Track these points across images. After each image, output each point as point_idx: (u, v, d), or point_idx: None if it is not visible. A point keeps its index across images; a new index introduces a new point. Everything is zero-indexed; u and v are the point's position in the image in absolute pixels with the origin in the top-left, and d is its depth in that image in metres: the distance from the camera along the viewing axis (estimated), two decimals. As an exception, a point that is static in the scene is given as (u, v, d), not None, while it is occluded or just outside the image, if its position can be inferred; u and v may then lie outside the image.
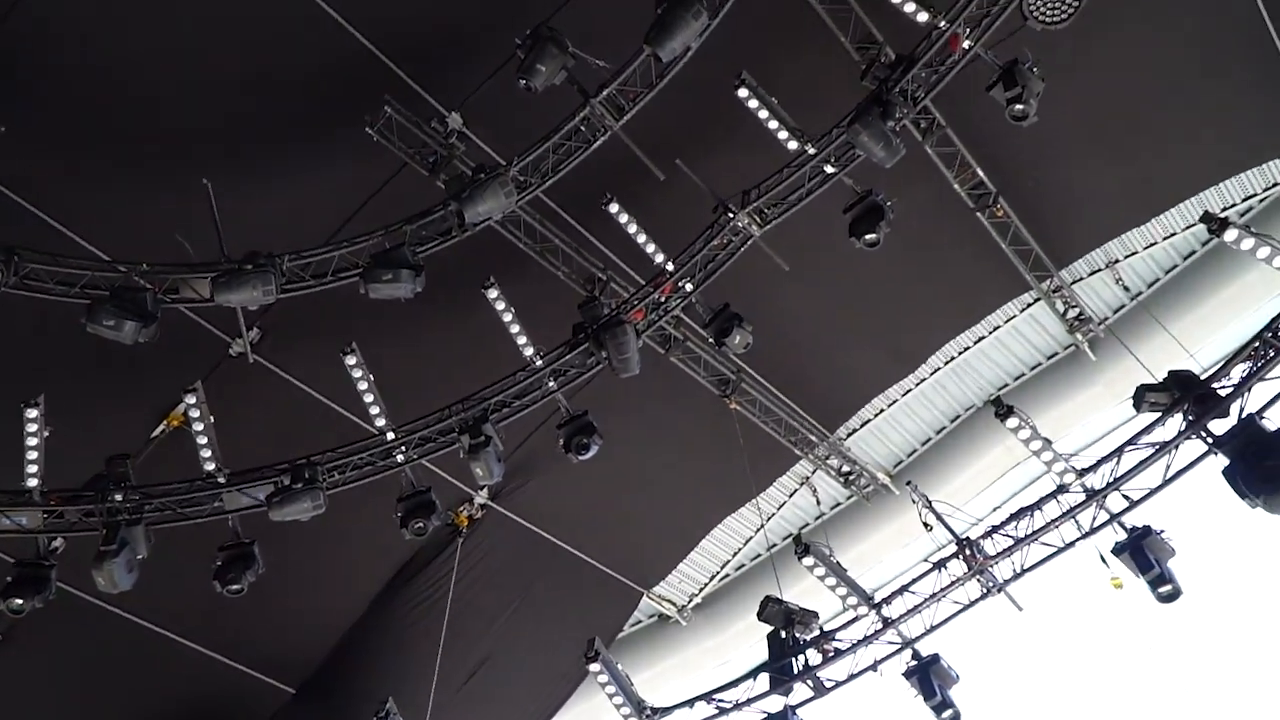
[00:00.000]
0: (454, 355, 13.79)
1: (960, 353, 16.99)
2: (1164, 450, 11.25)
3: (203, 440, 11.81)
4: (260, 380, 13.07)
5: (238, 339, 12.52)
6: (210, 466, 11.80)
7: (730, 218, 11.84)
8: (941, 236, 14.73)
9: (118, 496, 11.29)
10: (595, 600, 17.55)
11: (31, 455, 11.03)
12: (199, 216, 10.31)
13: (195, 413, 11.80)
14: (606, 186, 12.63)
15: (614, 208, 12.68)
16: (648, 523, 17.31)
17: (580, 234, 13.52)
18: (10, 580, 10.91)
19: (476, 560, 15.88)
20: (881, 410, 17.55)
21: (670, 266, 12.30)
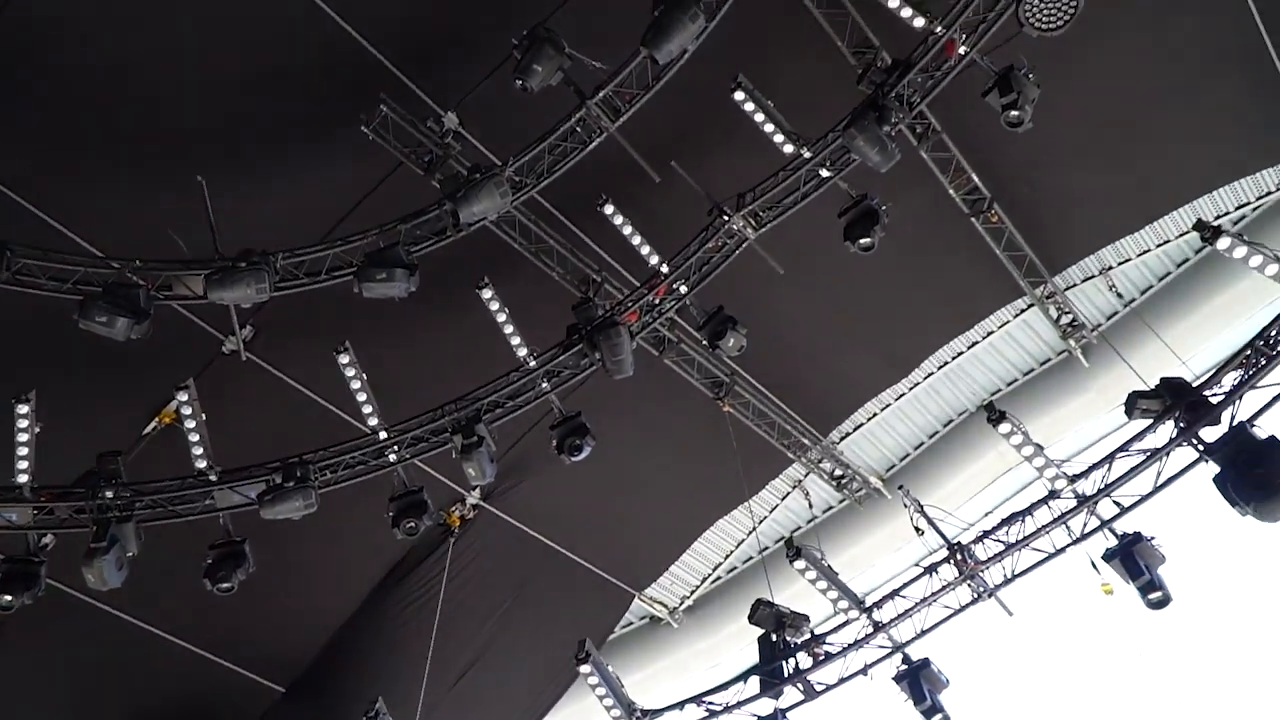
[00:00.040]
0: (447, 355, 13.79)
1: (954, 357, 17.02)
2: (1155, 457, 11.25)
3: (194, 438, 11.80)
4: (253, 378, 13.06)
5: (230, 336, 12.52)
6: (202, 464, 11.77)
7: (725, 220, 11.84)
8: (936, 241, 14.75)
9: (108, 493, 11.22)
10: (587, 601, 17.53)
11: (22, 451, 11.00)
12: (193, 213, 10.30)
13: (187, 410, 11.81)
14: (602, 188, 12.65)
15: (609, 209, 12.70)
16: (640, 524, 17.30)
17: (575, 235, 13.52)
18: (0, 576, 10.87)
19: (468, 561, 15.86)
20: (875, 414, 17.58)
21: (665, 268, 12.30)
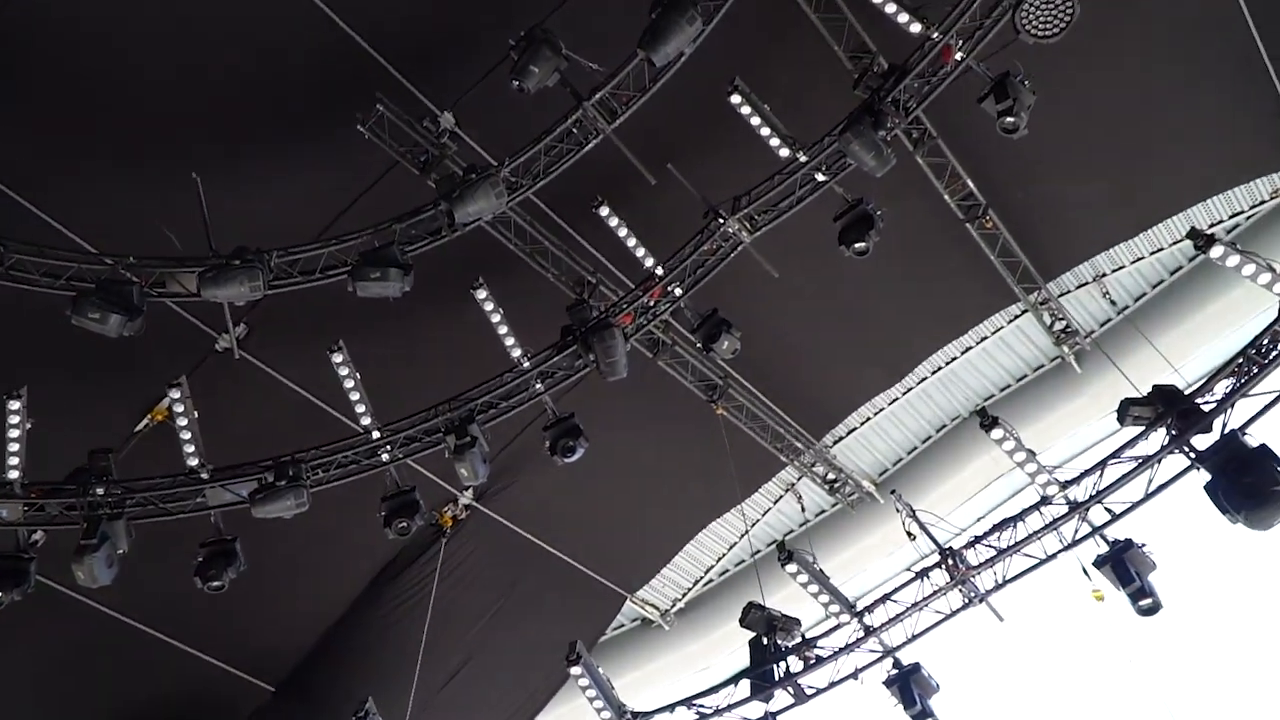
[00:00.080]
0: (441, 355, 13.76)
1: (947, 363, 17.06)
2: (1147, 464, 11.29)
3: (186, 435, 11.74)
4: (245, 376, 13.02)
5: (224, 334, 12.51)
6: (193, 462, 11.73)
7: (720, 223, 11.84)
8: (931, 247, 14.78)
9: (99, 490, 11.20)
10: (578, 603, 17.52)
11: (13, 447, 10.95)
12: (188, 211, 10.28)
13: (179, 407, 11.73)
14: (597, 189, 12.64)
15: (604, 211, 12.69)
16: (632, 526, 17.30)
17: (570, 236, 13.52)
18: (-11, 573, 10.83)
19: (460, 561, 15.84)
20: (868, 419, 17.61)
21: (660, 271, 12.29)
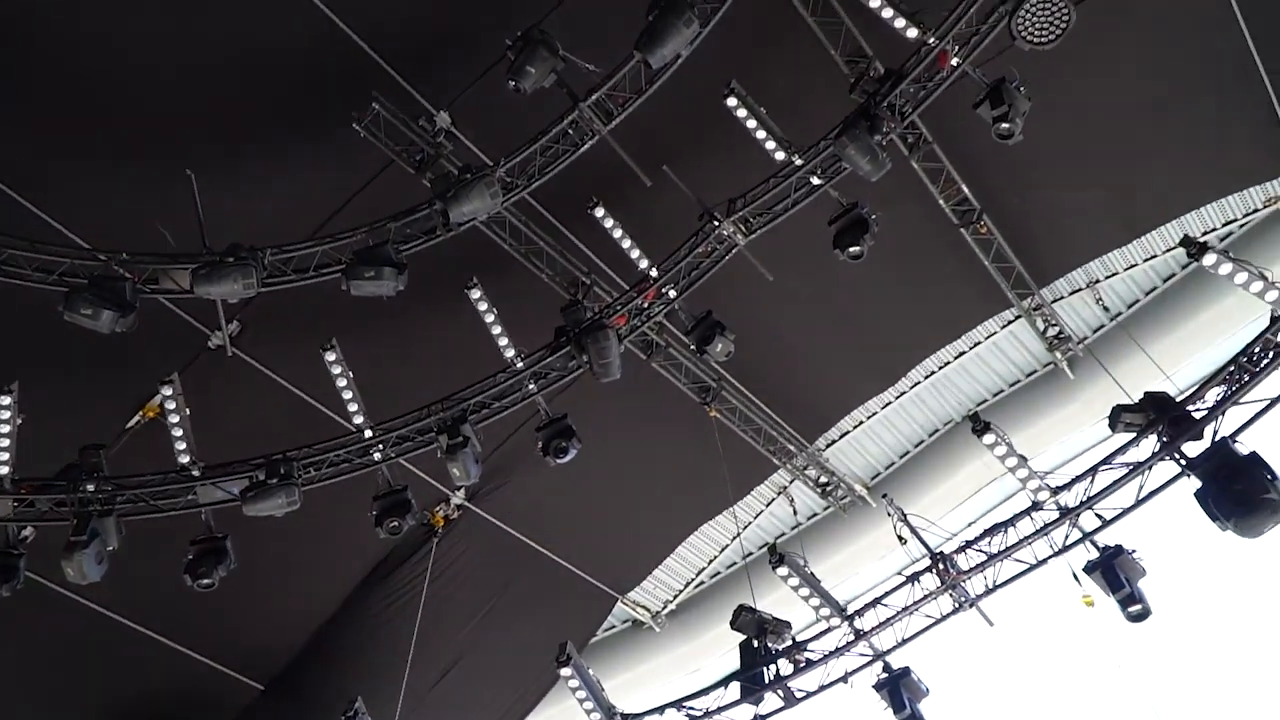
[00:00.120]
0: (434, 354, 13.74)
1: (941, 367, 17.09)
2: (1137, 471, 11.33)
3: (178, 432, 11.71)
4: (238, 374, 12.98)
5: (217, 331, 12.47)
6: (185, 459, 11.70)
7: (715, 226, 11.85)
8: (925, 252, 14.80)
9: (89, 487, 11.14)
10: (569, 604, 17.50)
11: (3, 443, 10.90)
12: (182, 207, 10.25)
13: (171, 404, 11.71)
14: (593, 190, 12.63)
15: (600, 212, 12.68)
16: (624, 528, 17.29)
17: (565, 237, 13.51)
18: (-23, 568, 10.78)
19: (451, 561, 15.81)
20: (861, 422, 17.62)
21: (654, 272, 12.30)
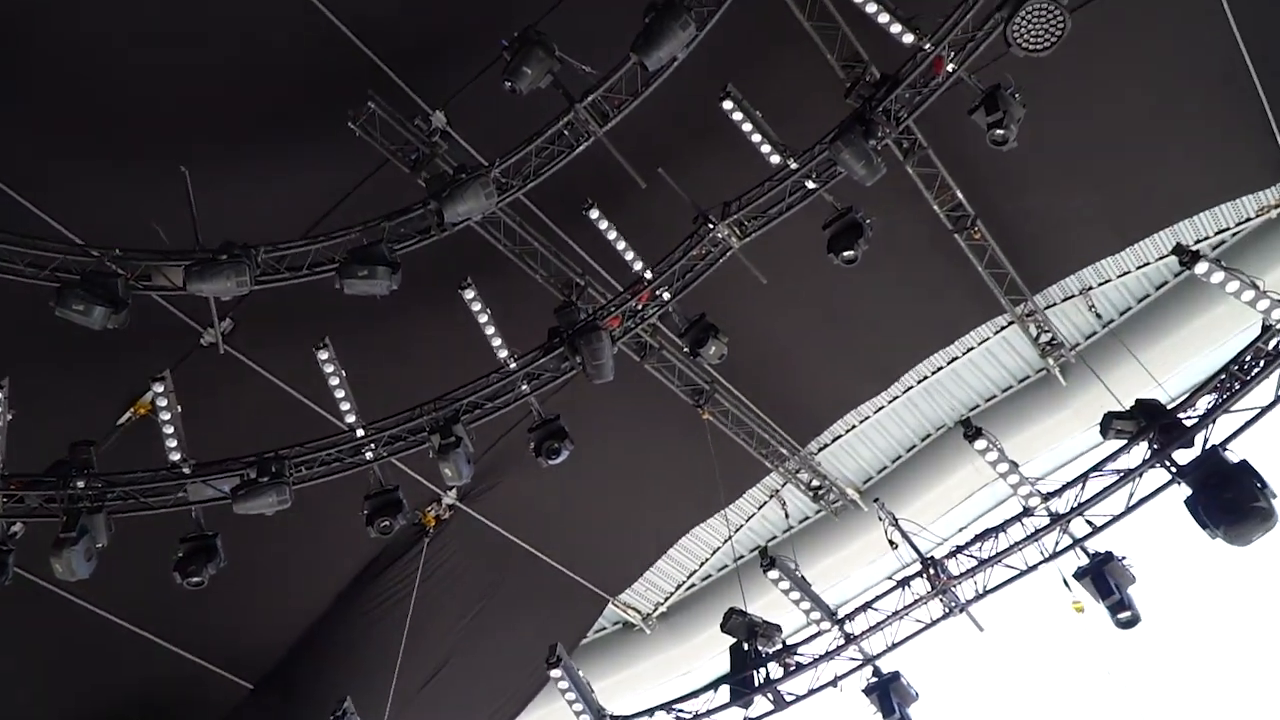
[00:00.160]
0: (428, 354, 13.73)
1: (934, 372, 17.11)
2: (1128, 478, 11.36)
3: (169, 430, 11.68)
4: (230, 372, 12.93)
5: (209, 329, 12.42)
6: (176, 457, 11.67)
7: (710, 228, 11.87)
8: (919, 257, 14.83)
9: (80, 483, 11.09)
10: (560, 605, 17.49)
11: (-7, 438, 10.90)
12: (175, 204, 10.22)
13: (163, 402, 11.68)
14: (588, 192, 12.64)
15: (594, 213, 12.69)
16: (616, 530, 17.28)
17: (560, 238, 13.51)
18: (-34, 564, 10.72)
19: (442, 561, 15.77)
20: (853, 426, 17.64)
21: (648, 274, 12.30)
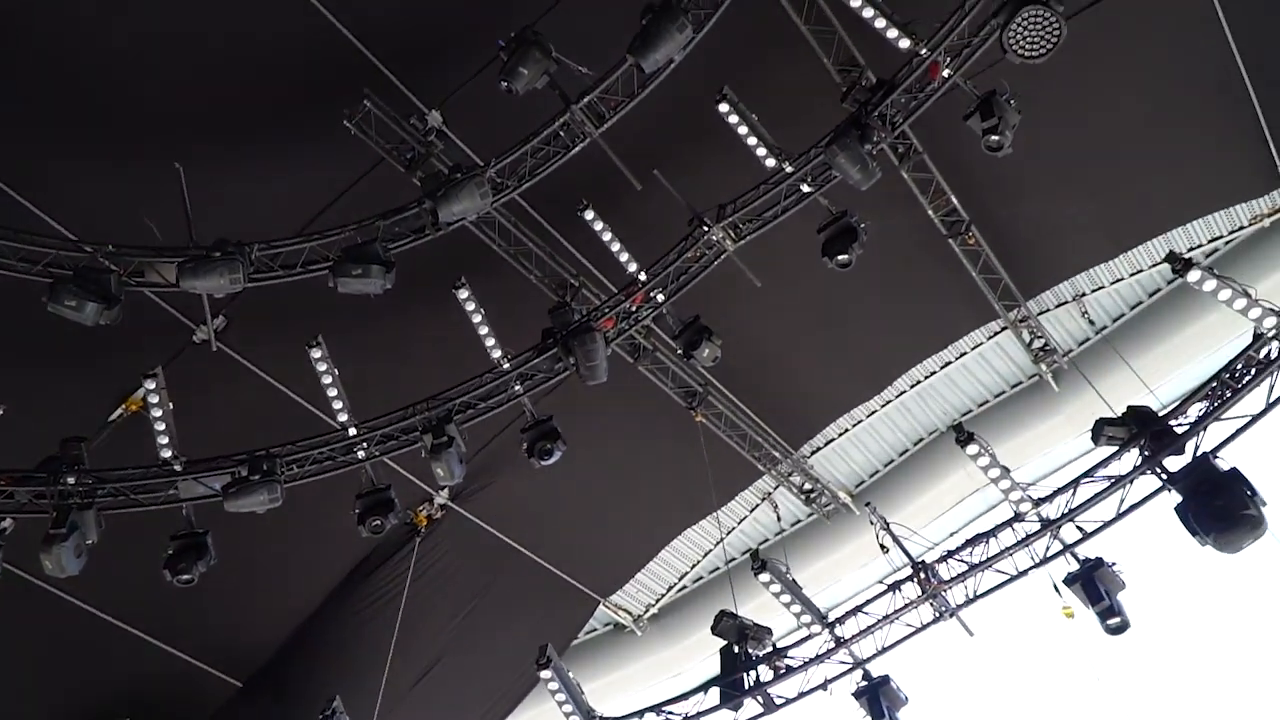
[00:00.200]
0: (421, 354, 13.72)
1: (926, 377, 17.14)
2: (1119, 484, 11.36)
3: (160, 427, 11.65)
4: (223, 369, 12.90)
5: (202, 326, 12.39)
6: (167, 454, 11.63)
7: (705, 231, 11.88)
8: (913, 261, 14.86)
9: (70, 479, 11.04)
10: (551, 606, 17.49)
11: (-17, 433, 10.88)
12: (169, 201, 10.20)
13: (154, 398, 11.65)
14: (583, 193, 12.64)
15: (590, 214, 12.69)
16: (608, 531, 17.29)
17: (555, 239, 13.51)
18: (-45, 559, 10.68)
19: (433, 561, 15.77)
20: (846, 430, 17.66)
21: (643, 276, 12.31)
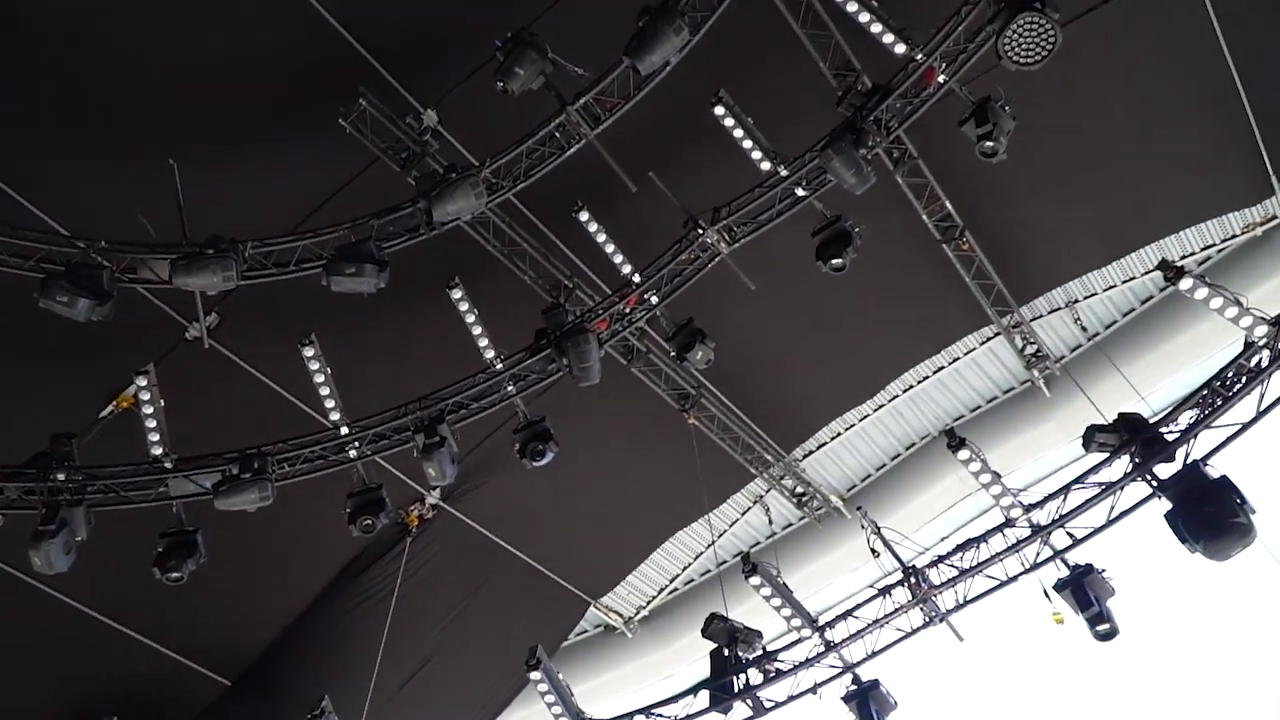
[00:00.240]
0: (414, 353, 13.69)
1: (919, 381, 17.16)
2: (1109, 491, 11.39)
3: (151, 424, 11.60)
4: (215, 366, 12.88)
5: (195, 323, 12.36)
6: (158, 451, 11.60)
7: (699, 233, 11.88)
8: (907, 266, 14.88)
9: (60, 476, 11.01)
10: (542, 607, 17.47)
11: (-27, 429, 10.85)
12: (163, 197, 10.17)
13: (146, 395, 11.60)
14: (578, 194, 12.63)
15: (584, 216, 12.68)
16: (599, 533, 17.27)
17: (549, 240, 13.50)
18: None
19: (424, 561, 15.74)
20: (838, 434, 17.67)
21: (637, 278, 12.31)
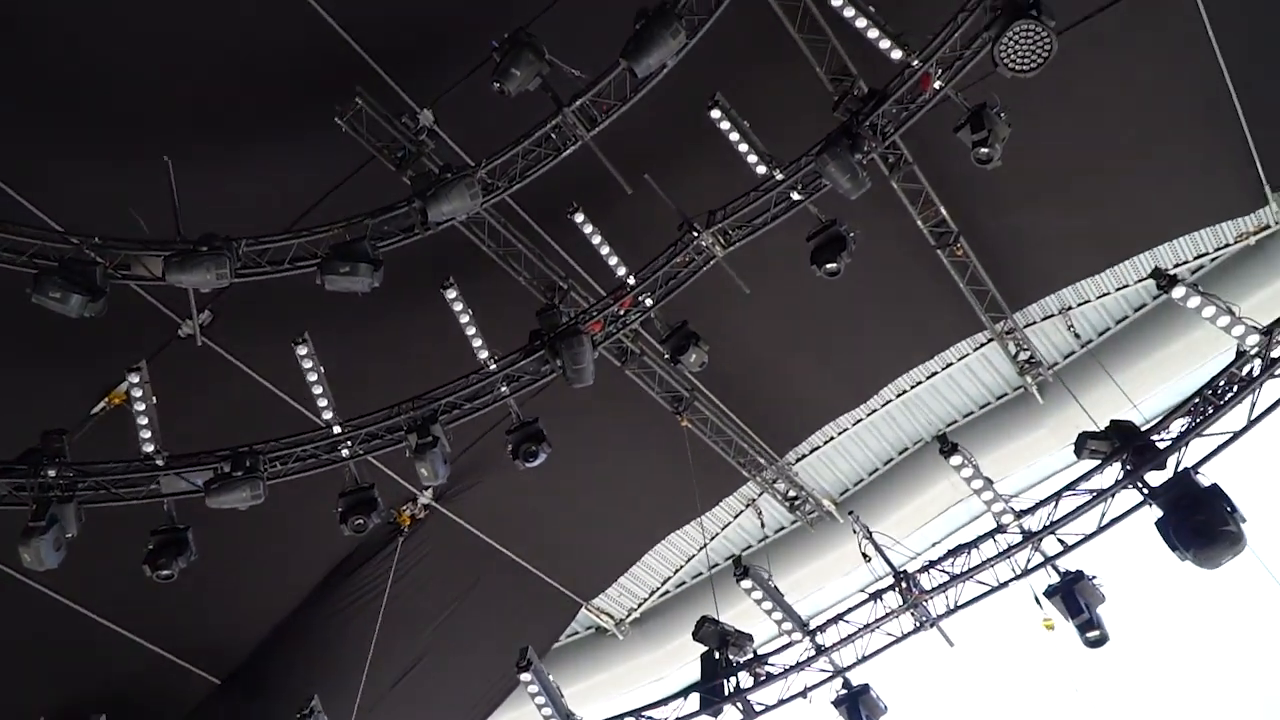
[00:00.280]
0: (408, 353, 13.67)
1: (912, 386, 17.20)
2: (1101, 498, 11.43)
3: (143, 421, 11.57)
4: (208, 364, 12.84)
5: (188, 320, 12.32)
6: (149, 448, 11.56)
7: (694, 236, 11.89)
8: (901, 271, 14.90)
9: (50, 472, 10.96)
10: (533, 608, 17.46)
11: (-36, 425, 10.80)
12: (157, 194, 10.15)
13: (138, 392, 11.58)
14: (574, 195, 12.64)
15: (579, 217, 12.69)
16: (591, 534, 17.27)
17: (544, 241, 13.50)
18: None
19: (416, 561, 15.72)
20: (831, 438, 17.70)
21: (631, 280, 12.32)
